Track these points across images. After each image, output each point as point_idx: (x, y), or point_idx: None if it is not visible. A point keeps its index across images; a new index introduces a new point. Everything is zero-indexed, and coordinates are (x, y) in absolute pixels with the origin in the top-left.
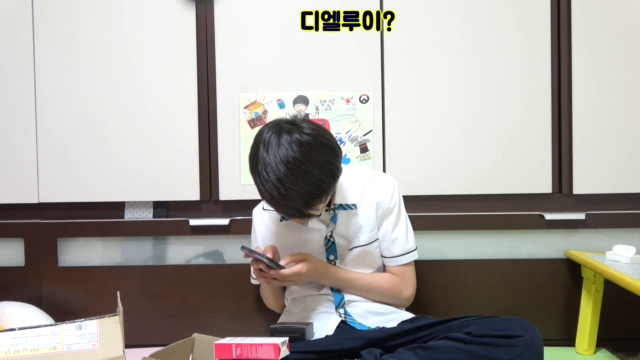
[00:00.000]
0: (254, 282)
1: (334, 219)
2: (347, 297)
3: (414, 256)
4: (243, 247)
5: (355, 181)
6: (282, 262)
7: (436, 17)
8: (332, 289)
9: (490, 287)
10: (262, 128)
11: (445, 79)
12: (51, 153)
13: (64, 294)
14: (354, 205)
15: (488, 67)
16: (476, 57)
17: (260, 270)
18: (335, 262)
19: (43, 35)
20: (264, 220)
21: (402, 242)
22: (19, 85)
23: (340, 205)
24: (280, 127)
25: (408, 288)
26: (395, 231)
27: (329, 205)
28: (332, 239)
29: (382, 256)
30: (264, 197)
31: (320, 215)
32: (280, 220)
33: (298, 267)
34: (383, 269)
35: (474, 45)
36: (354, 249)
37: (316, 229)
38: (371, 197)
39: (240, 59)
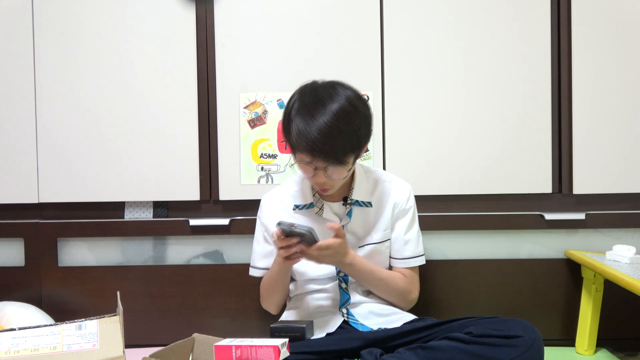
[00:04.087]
0: (255, 273)
1: (349, 214)
2: (353, 298)
3: (422, 261)
4: (280, 223)
5: (372, 179)
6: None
7: (436, 17)
8: (340, 287)
9: (490, 287)
10: (296, 91)
11: (446, 79)
12: (51, 153)
13: (64, 294)
14: (370, 203)
15: (488, 67)
16: (476, 57)
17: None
18: None
19: (43, 35)
20: (276, 208)
21: (413, 245)
22: (19, 85)
23: (357, 201)
24: (319, 82)
25: (415, 290)
26: (408, 233)
27: (345, 199)
28: None
29: (391, 257)
30: (303, 139)
31: (344, 178)
32: (293, 209)
33: (332, 241)
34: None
35: (474, 45)
36: (365, 247)
37: (330, 220)
38: (388, 197)
39: (240, 59)
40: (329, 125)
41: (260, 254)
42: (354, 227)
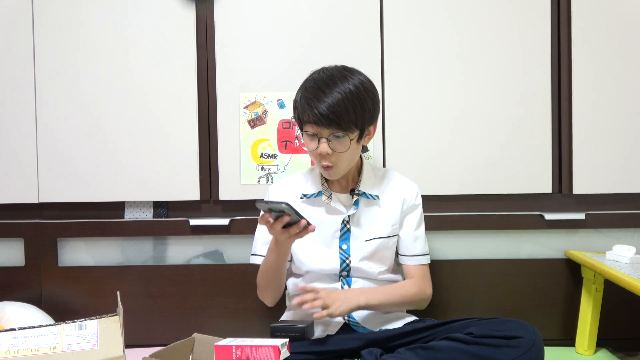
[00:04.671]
0: (256, 261)
1: (356, 204)
2: None
3: (429, 259)
4: (258, 202)
5: (379, 175)
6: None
7: (436, 17)
8: (342, 289)
9: (490, 287)
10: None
11: (445, 79)
12: (51, 153)
13: (64, 294)
14: (377, 196)
15: (488, 67)
16: (476, 57)
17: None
18: (346, 252)
19: (43, 35)
20: (283, 197)
21: (421, 243)
22: (19, 85)
23: (364, 193)
24: (331, 66)
25: (429, 286)
26: (418, 230)
27: (352, 190)
28: (348, 225)
29: (401, 254)
30: (309, 108)
31: (346, 150)
32: (301, 198)
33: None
34: (392, 269)
35: (474, 45)
36: (371, 241)
37: (336, 209)
38: (396, 192)
39: (240, 59)
40: (336, 96)
41: (262, 241)
42: (360, 218)
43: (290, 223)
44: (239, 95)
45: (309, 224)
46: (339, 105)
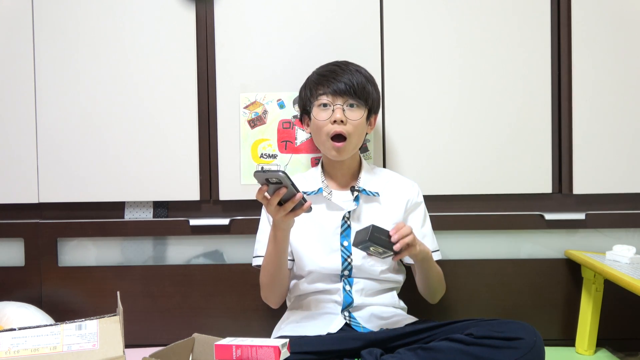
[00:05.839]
0: (257, 262)
1: (356, 200)
2: (357, 301)
3: (440, 255)
4: (256, 172)
5: (379, 174)
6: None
7: (436, 17)
8: (344, 290)
9: (490, 287)
10: None
11: (446, 79)
12: (51, 153)
13: (64, 294)
14: (377, 193)
15: (488, 68)
16: (476, 57)
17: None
18: (347, 250)
19: (43, 35)
20: None
21: (430, 239)
22: (19, 85)
23: (364, 189)
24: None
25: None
26: (424, 227)
27: (352, 188)
28: (349, 222)
29: None
30: (324, 78)
31: (359, 120)
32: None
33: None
34: (394, 269)
35: (474, 45)
36: None
37: (337, 205)
38: (397, 191)
39: (240, 59)
40: (353, 72)
41: (264, 242)
42: (361, 215)
43: (286, 199)
44: (239, 95)
45: (304, 200)
46: (355, 79)
